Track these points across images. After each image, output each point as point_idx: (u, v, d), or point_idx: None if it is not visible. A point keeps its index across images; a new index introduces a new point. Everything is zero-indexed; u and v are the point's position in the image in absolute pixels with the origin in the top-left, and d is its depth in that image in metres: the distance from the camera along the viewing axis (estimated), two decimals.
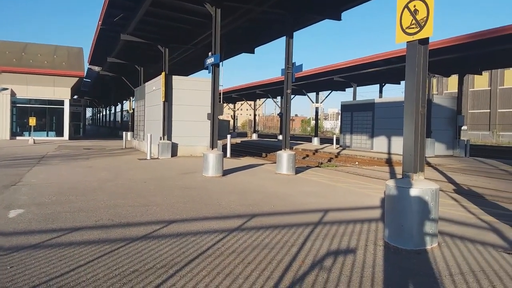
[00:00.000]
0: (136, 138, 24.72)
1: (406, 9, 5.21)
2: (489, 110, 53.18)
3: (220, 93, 13.10)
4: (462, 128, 26.64)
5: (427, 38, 5.11)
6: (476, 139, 47.41)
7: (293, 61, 12.62)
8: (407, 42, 5.24)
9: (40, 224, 5.91)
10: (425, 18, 4.99)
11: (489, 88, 53.09)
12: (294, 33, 12.90)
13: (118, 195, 8.37)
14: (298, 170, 13.37)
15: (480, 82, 53.19)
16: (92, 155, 18.19)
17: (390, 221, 5.15)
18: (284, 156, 12.54)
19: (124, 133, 25.39)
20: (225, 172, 12.14)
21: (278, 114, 52.66)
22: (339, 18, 12.89)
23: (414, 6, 5.11)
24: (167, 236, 5.38)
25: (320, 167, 17.55)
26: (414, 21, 5.11)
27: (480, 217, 7.03)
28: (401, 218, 5.01)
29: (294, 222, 6.32)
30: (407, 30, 5.20)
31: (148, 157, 16.34)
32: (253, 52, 18.62)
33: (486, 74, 50.18)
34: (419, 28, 5.06)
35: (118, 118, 52.41)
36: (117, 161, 15.56)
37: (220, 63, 12.23)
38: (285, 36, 12.77)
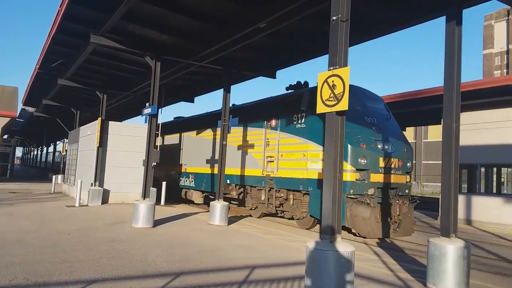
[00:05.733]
0: (66, 183, 23.57)
1: (325, 83, 5.74)
2: (414, 162, 57.26)
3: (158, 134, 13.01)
4: None
5: (344, 111, 5.63)
6: None
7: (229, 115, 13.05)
8: (326, 113, 5.73)
9: None
10: (341, 93, 5.52)
11: (414, 141, 57.45)
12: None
13: (39, 249, 7.95)
14: (231, 220, 13.41)
15: (406, 135, 57.33)
16: (17, 200, 17.12)
17: (311, 283, 5.36)
18: (217, 206, 12.59)
19: (54, 176, 24.14)
20: (157, 222, 11.90)
21: None
22: (274, 77, 13.70)
23: (333, 81, 5.65)
24: None
25: (253, 216, 17.66)
26: (332, 95, 5.63)
27: (397, 274, 7.47)
28: (320, 279, 5.24)
29: (220, 281, 6.34)
30: (327, 102, 5.70)
31: (77, 204, 15.62)
32: (192, 101, 19.05)
33: (410, 129, 54.45)
34: (336, 101, 5.57)
35: (50, 159, 49.81)
36: (43, 208, 14.75)
37: (160, 110, 12.37)
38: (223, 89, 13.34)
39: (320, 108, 5.78)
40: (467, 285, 6.36)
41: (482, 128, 16.29)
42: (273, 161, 13.27)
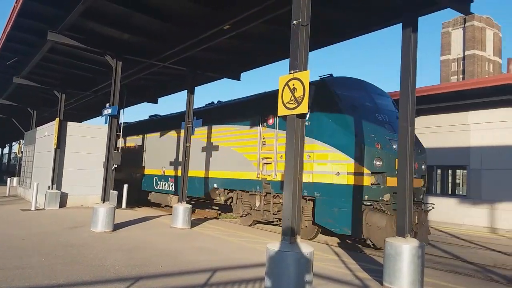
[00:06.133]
0: (22, 186, 22.60)
1: (286, 86, 5.81)
2: None
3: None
4: None
5: (304, 114, 5.71)
6: None
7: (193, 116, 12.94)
8: (287, 115, 5.79)
9: None
10: (301, 96, 5.60)
11: None
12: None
13: None
14: (195, 223, 13.26)
15: None
16: None
17: (271, 284, 5.39)
18: (180, 209, 12.43)
19: (8, 178, 23.12)
20: (117, 226, 11.60)
21: None
22: (238, 79, 13.73)
23: (293, 84, 5.72)
24: None
25: (218, 218, 17.60)
26: (293, 98, 5.70)
27: (356, 274, 7.63)
28: (280, 280, 5.28)
29: (180, 284, 6.27)
30: (287, 105, 5.77)
31: (33, 208, 15.00)
32: (156, 103, 18.77)
33: None
34: (297, 104, 5.64)
35: (5, 161, 47.76)
36: None
37: (121, 111, 12.11)
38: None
39: (281, 111, 5.85)
40: (421, 283, 6.59)
41: (438, 132, 16.99)
42: (270, 163, 11.93)
